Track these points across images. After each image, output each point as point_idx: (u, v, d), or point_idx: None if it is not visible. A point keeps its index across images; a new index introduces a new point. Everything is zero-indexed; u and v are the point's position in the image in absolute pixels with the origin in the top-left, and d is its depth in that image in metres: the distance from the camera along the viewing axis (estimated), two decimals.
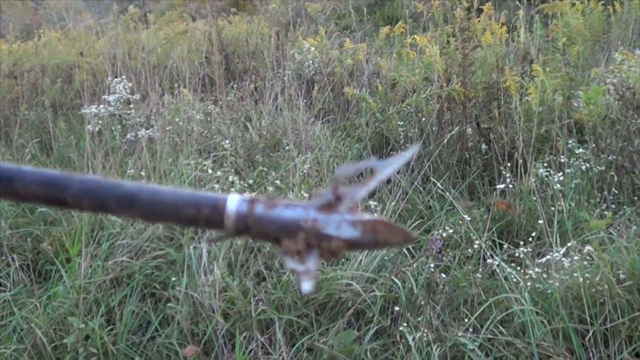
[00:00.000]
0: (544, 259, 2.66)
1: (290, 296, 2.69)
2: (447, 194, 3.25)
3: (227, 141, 3.86)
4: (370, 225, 0.62)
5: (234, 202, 0.63)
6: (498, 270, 2.69)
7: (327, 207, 0.62)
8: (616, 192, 3.26)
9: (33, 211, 3.54)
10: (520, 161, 3.34)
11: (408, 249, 2.98)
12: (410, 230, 0.65)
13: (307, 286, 0.62)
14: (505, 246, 2.96)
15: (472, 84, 3.83)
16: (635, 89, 3.46)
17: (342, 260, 2.91)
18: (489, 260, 2.77)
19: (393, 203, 3.23)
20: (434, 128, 3.92)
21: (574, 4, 4.88)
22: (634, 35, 5.10)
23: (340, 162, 3.76)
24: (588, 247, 2.60)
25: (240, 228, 0.63)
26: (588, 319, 2.36)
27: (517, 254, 2.80)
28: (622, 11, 5.19)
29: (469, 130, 3.87)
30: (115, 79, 4.46)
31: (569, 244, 2.65)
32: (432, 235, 2.96)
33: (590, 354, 2.31)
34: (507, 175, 3.31)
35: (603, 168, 3.35)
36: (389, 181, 3.56)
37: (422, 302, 2.58)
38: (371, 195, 3.36)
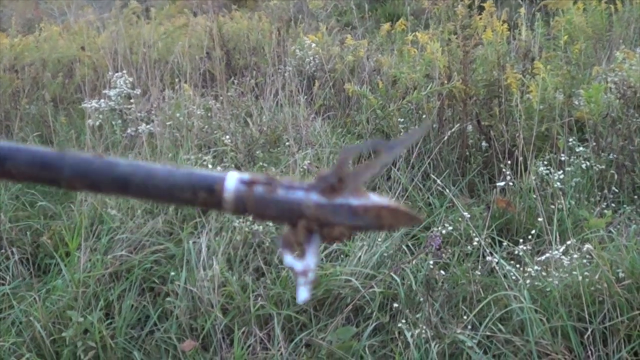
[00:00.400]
0: (543, 257, 2.66)
1: (289, 292, 2.69)
2: (447, 191, 3.24)
3: (227, 136, 3.85)
4: (374, 211, 0.60)
5: (232, 183, 0.60)
6: (497, 268, 2.69)
7: (330, 191, 0.60)
8: (616, 190, 3.26)
9: (33, 205, 3.54)
10: (521, 159, 3.34)
11: (407, 246, 2.98)
12: (416, 213, 0.62)
13: (303, 295, 0.60)
14: (504, 244, 2.96)
15: (473, 82, 3.83)
16: (636, 88, 3.45)
17: (342, 256, 2.91)
18: (489, 258, 2.77)
19: (392, 200, 3.23)
20: (434, 125, 3.91)
21: (575, 2, 4.87)
22: (636, 34, 5.10)
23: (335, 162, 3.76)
24: (587, 246, 2.60)
25: (240, 209, 0.61)
26: (587, 317, 2.36)
27: (516, 252, 2.80)
28: (624, 10, 5.18)
29: (470, 127, 3.86)
30: (116, 74, 4.46)
31: (569, 242, 2.65)
32: (432, 232, 2.96)
33: (589, 352, 2.31)
34: (507, 173, 3.30)
35: (603, 166, 3.34)
36: (389, 178, 3.56)
37: (421, 299, 2.58)
38: (370, 191, 3.36)
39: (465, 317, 2.50)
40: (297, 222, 0.60)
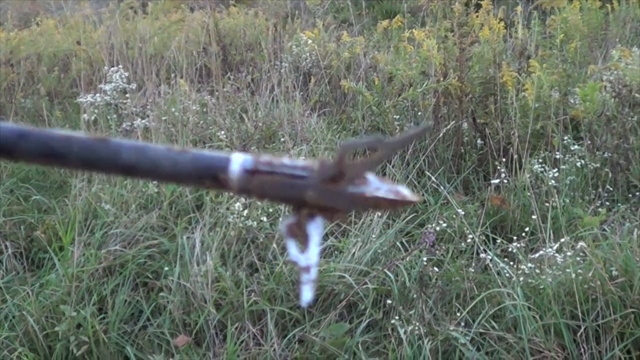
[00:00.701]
0: (537, 255, 2.66)
1: (283, 288, 2.69)
2: (442, 188, 3.25)
3: (222, 132, 3.85)
4: (373, 201, 0.64)
5: (235, 168, 0.64)
6: (491, 265, 2.69)
7: (331, 181, 0.63)
8: (610, 189, 3.26)
9: (27, 199, 3.53)
10: (516, 157, 3.34)
11: (401, 243, 2.98)
12: (414, 196, 0.65)
13: (307, 295, 0.64)
14: (498, 241, 2.96)
15: (469, 79, 3.83)
16: (631, 87, 3.46)
17: (335, 252, 2.91)
18: (482, 255, 2.77)
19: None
20: (430, 122, 3.91)
21: (571, 0, 4.87)
22: (632, 33, 5.10)
23: (335, 155, 3.75)
24: (581, 244, 2.60)
25: (243, 192, 0.65)
26: (580, 315, 2.37)
27: (510, 249, 2.80)
28: (620, 9, 5.19)
29: (465, 125, 3.86)
30: (112, 68, 4.44)
31: (563, 240, 2.65)
32: (426, 229, 2.96)
33: (582, 350, 2.32)
34: (502, 170, 3.31)
35: (598, 165, 3.35)
36: (384, 174, 3.55)
37: (415, 296, 2.58)
38: None
39: (458, 314, 2.50)
40: (299, 208, 0.64)
